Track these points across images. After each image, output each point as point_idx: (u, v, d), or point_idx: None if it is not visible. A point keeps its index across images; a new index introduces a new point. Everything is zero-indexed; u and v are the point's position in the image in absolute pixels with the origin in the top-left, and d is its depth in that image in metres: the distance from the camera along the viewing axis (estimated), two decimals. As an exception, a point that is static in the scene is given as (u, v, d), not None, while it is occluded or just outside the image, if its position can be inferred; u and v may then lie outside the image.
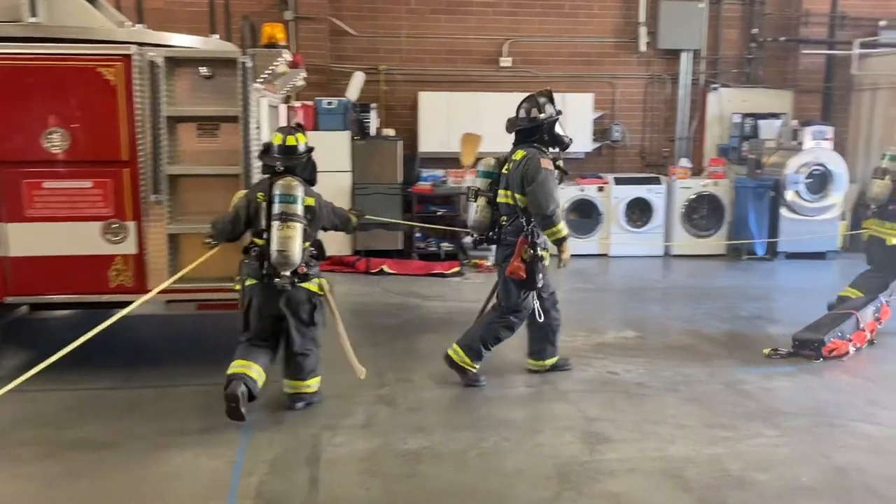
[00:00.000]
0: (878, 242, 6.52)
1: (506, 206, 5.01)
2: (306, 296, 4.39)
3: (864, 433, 4.22)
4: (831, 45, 10.50)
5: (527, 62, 10.34)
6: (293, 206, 4.20)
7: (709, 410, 4.57)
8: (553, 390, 4.90)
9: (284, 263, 4.18)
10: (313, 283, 4.41)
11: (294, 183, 4.28)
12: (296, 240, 4.17)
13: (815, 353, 5.55)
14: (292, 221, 4.18)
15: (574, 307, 7.15)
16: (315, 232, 4.48)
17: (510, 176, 4.95)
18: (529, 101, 5.08)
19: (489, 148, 9.68)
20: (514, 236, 4.92)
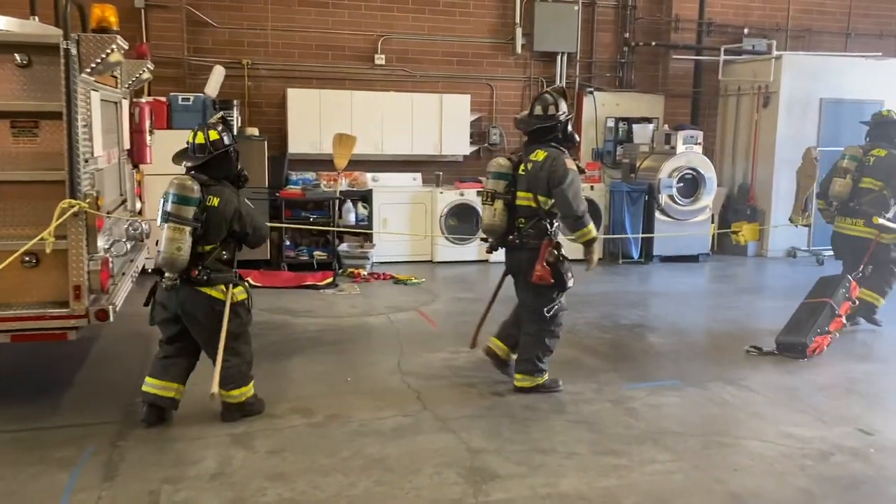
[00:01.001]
0: (845, 239, 6.71)
1: (527, 209, 4.78)
2: (205, 301, 4.15)
3: (756, 452, 4.05)
4: (699, 51, 10.72)
5: (402, 60, 9.90)
6: (175, 206, 4.02)
7: (598, 434, 4.27)
8: (432, 418, 4.45)
9: (164, 264, 4.05)
10: (216, 288, 4.16)
11: (183, 183, 4.07)
12: (175, 241, 3.99)
13: (799, 354, 5.69)
14: (171, 222, 4.01)
15: (456, 319, 6.80)
16: (218, 235, 4.18)
17: (531, 177, 4.72)
18: (544, 99, 4.85)
19: (365, 150, 9.23)
20: (536, 239, 4.73)
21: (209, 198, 4.13)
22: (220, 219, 4.16)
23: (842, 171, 6.66)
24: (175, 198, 4.04)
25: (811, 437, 4.26)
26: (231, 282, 4.25)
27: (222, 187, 4.23)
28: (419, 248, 9.48)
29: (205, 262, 4.15)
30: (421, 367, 5.39)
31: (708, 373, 5.40)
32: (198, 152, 4.21)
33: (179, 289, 4.14)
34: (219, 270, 4.21)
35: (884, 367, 5.64)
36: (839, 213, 6.75)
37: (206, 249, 4.16)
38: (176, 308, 4.18)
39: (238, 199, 4.27)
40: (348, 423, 4.35)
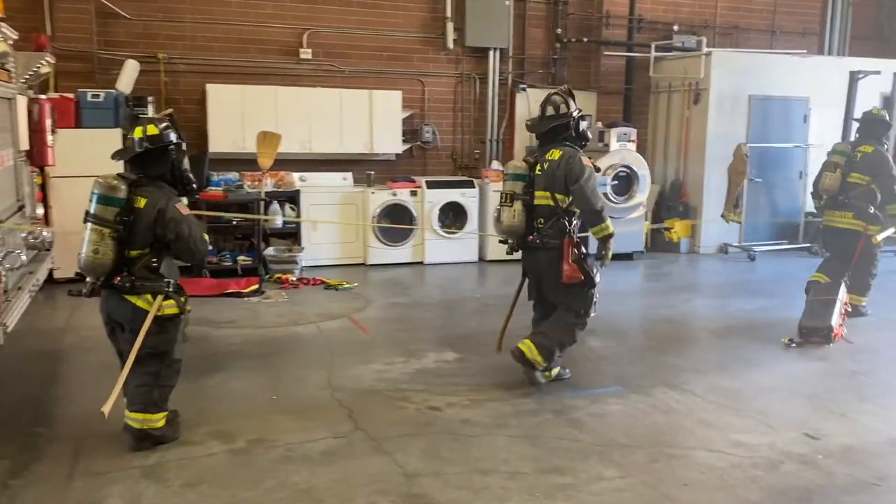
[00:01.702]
0: (835, 232, 6.93)
1: (546, 208, 4.83)
2: (130, 309, 3.85)
3: (705, 464, 3.88)
4: (630, 48, 10.67)
5: (329, 55, 9.50)
6: (97, 206, 3.76)
7: (542, 449, 4.04)
8: (365, 439, 4.13)
9: (83, 268, 3.77)
10: (143, 297, 3.84)
11: (107, 181, 3.78)
12: (93, 243, 3.72)
13: (824, 339, 5.99)
14: (92, 222, 3.75)
15: (390, 326, 6.50)
16: (145, 240, 3.84)
17: (548, 176, 4.79)
18: (553, 100, 4.92)
19: (291, 148, 8.80)
20: (556, 238, 4.78)
21: (136, 198, 3.81)
22: (145, 222, 3.82)
23: (832, 166, 6.85)
24: (97, 197, 3.76)
25: (759, 444, 4.13)
26: (161, 292, 3.88)
27: (155, 188, 3.90)
28: (351, 251, 9.11)
29: (132, 268, 3.84)
30: (353, 380, 5.06)
31: (650, 377, 5.24)
32: (136, 147, 3.91)
33: (108, 295, 3.88)
34: (146, 278, 3.86)
35: (823, 367, 5.60)
36: (828, 207, 6.96)
37: (133, 255, 3.84)
38: (105, 315, 3.95)
39: (168, 201, 3.89)
40: (273, 448, 4.00)
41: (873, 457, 4.00)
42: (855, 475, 3.77)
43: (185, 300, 4.02)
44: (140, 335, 3.80)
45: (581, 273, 4.71)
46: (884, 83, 10.19)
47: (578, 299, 4.85)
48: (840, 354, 5.87)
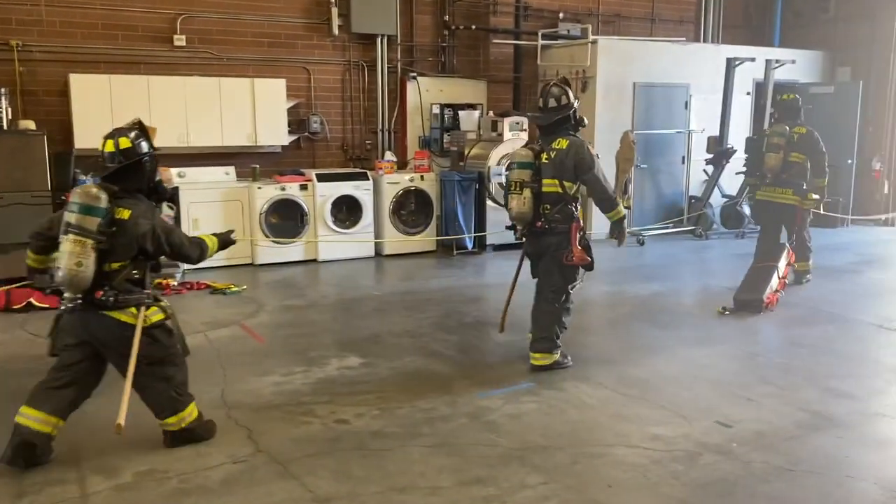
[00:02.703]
0: (773, 206, 7.55)
1: (553, 195, 4.99)
2: (115, 327, 3.70)
3: (627, 462, 3.79)
4: (517, 36, 10.63)
5: (205, 42, 8.90)
6: (77, 217, 3.55)
7: (460, 458, 3.83)
8: (269, 462, 3.78)
9: (63, 282, 3.56)
10: (126, 312, 3.70)
11: (87, 191, 3.61)
12: (74, 256, 3.52)
13: (756, 309, 6.51)
14: (73, 234, 3.55)
15: (286, 332, 6.11)
16: (127, 253, 3.70)
17: (556, 165, 4.96)
18: (553, 91, 5.05)
19: (168, 142, 8.13)
20: (564, 224, 4.98)
21: (119, 210, 3.68)
22: (130, 235, 3.70)
23: (776, 147, 7.34)
24: (77, 207, 3.57)
25: (675, 436, 4.10)
26: (142, 303, 3.76)
27: (136, 200, 3.78)
28: (237, 251, 8.50)
29: (112, 281, 3.68)
30: (249, 395, 4.67)
31: (560, 371, 5.15)
32: (108, 161, 3.74)
33: (85, 312, 3.67)
34: (129, 292, 3.73)
35: (723, 350, 5.70)
36: (770, 184, 7.50)
37: (113, 268, 3.69)
38: (83, 334, 3.73)
39: (153, 215, 3.84)
40: (165, 481, 3.58)
41: (784, 441, 4.05)
42: (770, 462, 3.79)
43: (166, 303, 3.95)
44: (134, 349, 3.68)
45: (587, 257, 4.97)
46: (757, 70, 10.62)
47: (570, 279, 5.12)
48: (738, 337, 6.00)
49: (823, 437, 4.12)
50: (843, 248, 9.63)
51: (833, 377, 5.04)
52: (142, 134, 3.84)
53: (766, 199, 7.64)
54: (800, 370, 5.19)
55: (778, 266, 6.86)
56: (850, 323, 6.40)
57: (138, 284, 3.78)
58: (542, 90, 5.13)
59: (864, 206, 11.72)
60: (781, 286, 6.87)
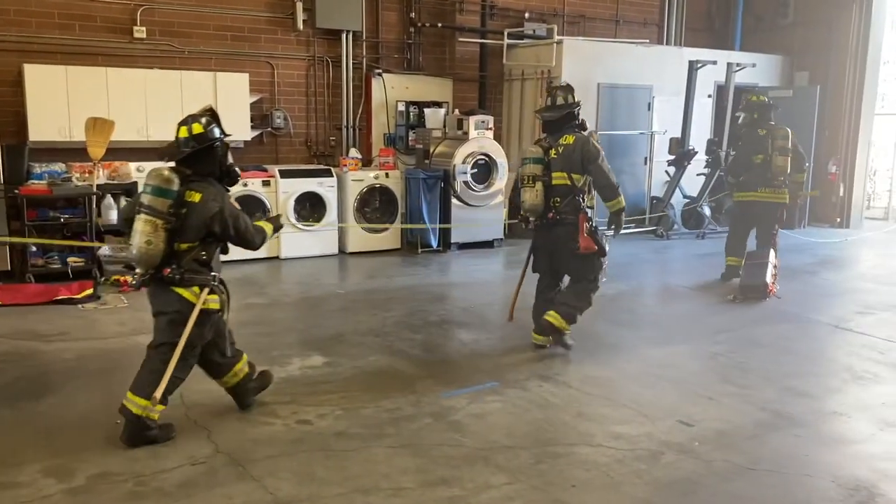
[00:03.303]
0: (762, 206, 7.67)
1: (563, 188, 5.31)
2: (176, 301, 3.87)
3: (590, 461, 3.80)
4: (483, 35, 10.62)
5: (167, 34, 8.72)
6: (151, 197, 3.76)
7: (425, 459, 3.80)
8: (229, 463, 3.70)
9: (134, 259, 3.79)
10: (190, 290, 3.85)
11: (160, 173, 3.79)
12: (145, 234, 3.72)
13: (762, 295, 7.05)
14: (144, 213, 3.75)
15: (248, 330, 5.97)
16: (196, 234, 3.86)
17: (564, 159, 5.29)
18: (561, 90, 5.46)
19: (127, 136, 7.98)
20: (572, 214, 5.27)
21: (189, 192, 3.83)
22: (200, 217, 3.84)
23: (784, 150, 7.51)
24: (151, 189, 3.77)
25: (638, 435, 4.12)
26: (207, 285, 3.92)
27: (207, 184, 3.93)
28: (198, 247, 8.42)
29: (181, 261, 3.85)
30: (210, 395, 4.55)
31: (524, 370, 5.15)
32: (181, 146, 3.91)
33: (153, 286, 3.91)
34: (195, 271, 3.89)
35: (683, 350, 5.76)
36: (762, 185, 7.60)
37: (182, 248, 3.87)
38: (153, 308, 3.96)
39: (223, 199, 3.96)
40: (120, 483, 3.48)
41: (744, 440, 4.10)
42: (731, 461, 3.83)
43: (229, 298, 4.09)
44: (188, 326, 3.82)
45: (595, 244, 5.24)
46: (719, 73, 10.77)
47: (590, 266, 5.37)
48: (699, 336, 6.07)
49: (782, 435, 4.18)
50: (799, 249, 9.82)
51: (791, 376, 5.12)
52: (213, 120, 4.00)
53: (756, 200, 7.67)
54: (759, 369, 5.27)
55: (769, 261, 7.26)
56: (806, 323, 6.53)
57: (205, 265, 3.94)
58: (550, 91, 5.57)
59: (820, 208, 11.98)
60: (775, 277, 7.26)
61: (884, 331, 6.24)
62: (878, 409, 4.60)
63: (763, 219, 7.78)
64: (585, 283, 5.41)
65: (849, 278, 8.58)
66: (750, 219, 7.91)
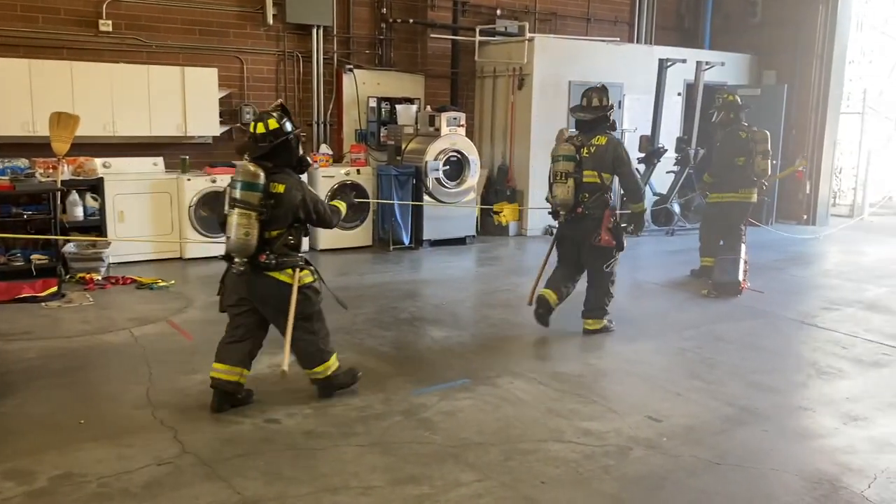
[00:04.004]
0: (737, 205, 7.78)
1: (592, 185, 5.64)
2: (275, 285, 4.22)
3: (559, 457, 3.81)
4: (455, 31, 10.61)
5: (133, 28, 8.59)
6: (243, 193, 4.06)
7: (394, 457, 3.78)
8: (195, 463, 3.65)
9: (233, 249, 4.11)
10: (284, 273, 4.23)
11: (250, 170, 4.09)
12: (242, 227, 4.04)
13: (735, 291, 7.21)
14: (238, 207, 4.05)
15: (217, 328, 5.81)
16: (284, 221, 4.21)
17: (596, 158, 5.62)
18: (596, 92, 5.75)
19: (93, 131, 7.86)
20: (599, 210, 5.64)
21: (274, 184, 4.14)
22: (287, 205, 4.18)
23: (767, 153, 7.66)
24: (241, 184, 4.06)
25: (607, 430, 4.14)
26: (297, 265, 4.29)
27: (286, 174, 4.24)
28: (166, 245, 8.32)
29: (272, 247, 4.19)
30: (176, 394, 4.52)
31: (495, 366, 5.16)
32: (259, 142, 4.18)
33: (249, 274, 4.17)
34: (286, 255, 4.25)
35: (652, 346, 5.81)
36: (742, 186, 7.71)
37: (272, 235, 4.20)
38: (246, 293, 4.25)
39: (302, 186, 4.31)
40: (84, 485, 3.42)
41: (711, 435, 4.14)
42: (698, 456, 3.86)
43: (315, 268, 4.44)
44: (292, 305, 4.20)
45: (614, 239, 5.64)
46: (688, 71, 10.86)
47: (606, 257, 5.77)
48: (667, 332, 6.13)
49: (749, 430, 4.23)
50: (767, 246, 9.95)
51: (757, 372, 5.19)
52: (284, 115, 4.28)
53: (734, 201, 7.75)
54: (726, 365, 5.33)
55: (741, 257, 7.47)
56: (773, 318, 6.62)
57: (293, 249, 4.30)
58: (585, 93, 5.84)
59: (787, 205, 12.16)
60: (746, 273, 7.45)
61: (847, 326, 6.36)
62: (841, 403, 4.67)
63: (736, 217, 7.85)
64: (601, 277, 5.85)
65: (814, 275, 8.72)
66: (723, 219, 7.94)
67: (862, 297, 7.41)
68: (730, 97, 7.99)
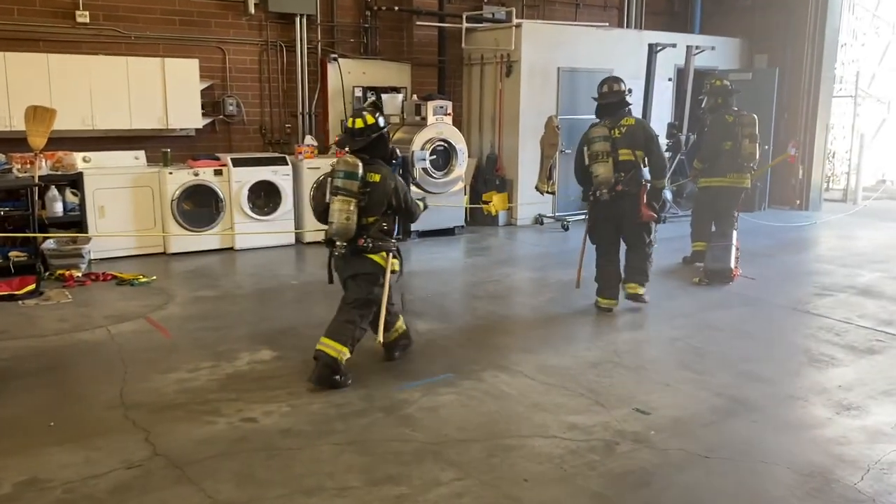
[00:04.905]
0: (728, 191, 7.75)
1: (628, 163, 5.93)
2: (369, 265, 4.60)
3: (543, 453, 3.70)
4: (442, 18, 10.43)
5: (111, 19, 8.39)
6: (344, 181, 4.42)
7: (372, 456, 3.66)
8: (166, 466, 3.53)
9: (336, 233, 4.47)
10: (379, 255, 4.59)
11: (349, 161, 4.46)
12: (343, 212, 4.40)
13: (727, 279, 7.10)
14: (340, 195, 4.41)
15: (196, 325, 5.81)
16: (379, 208, 4.58)
17: (629, 137, 5.93)
18: (614, 80, 6.21)
19: (71, 125, 7.72)
20: (636, 186, 5.92)
21: (370, 174, 4.51)
22: (381, 193, 4.54)
23: (753, 136, 7.59)
24: (343, 174, 4.43)
25: (593, 424, 4.03)
26: (390, 251, 4.66)
27: (380, 165, 4.61)
28: (149, 239, 8.17)
29: (369, 232, 4.55)
30: (151, 394, 4.39)
31: (481, 360, 5.04)
32: (356, 136, 4.58)
33: (348, 257, 4.56)
34: (381, 240, 4.62)
35: (641, 335, 5.71)
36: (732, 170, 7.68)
37: (369, 221, 4.56)
38: (345, 275, 4.64)
39: (395, 177, 4.67)
40: (48, 491, 3.29)
41: (700, 427, 4.03)
42: (686, 449, 3.75)
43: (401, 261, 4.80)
44: (386, 285, 4.62)
45: (654, 212, 5.97)
46: (679, 56, 10.72)
47: (647, 231, 6.11)
48: (657, 321, 6.02)
49: (738, 421, 4.12)
50: (759, 231, 9.84)
51: (748, 361, 5.08)
52: (377, 110, 4.77)
53: (724, 185, 7.76)
54: (716, 354, 5.22)
55: (732, 244, 7.41)
56: (765, 306, 6.51)
57: (388, 234, 4.66)
58: (605, 81, 6.25)
59: (780, 190, 12.05)
60: (737, 260, 7.36)
61: (840, 312, 6.25)
62: (834, 392, 4.57)
63: (726, 203, 7.83)
64: (643, 248, 6.13)
65: (807, 260, 8.61)
66: (714, 204, 7.93)
67: (855, 282, 7.30)
68: (717, 82, 7.93)
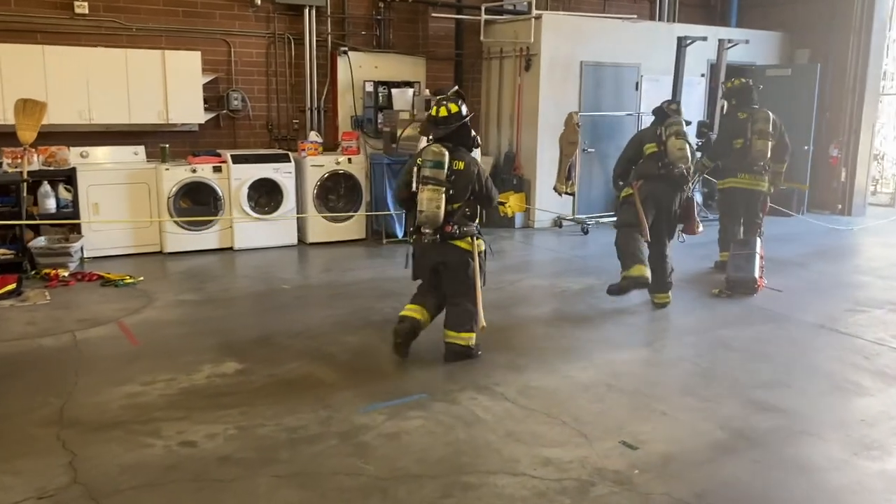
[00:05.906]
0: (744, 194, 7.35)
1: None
2: (457, 252, 4.72)
3: (505, 493, 3.25)
4: (459, 10, 9.99)
5: (111, 10, 8.15)
6: (432, 170, 4.51)
7: (313, 491, 3.26)
8: (81, 496, 3.17)
9: (425, 221, 4.57)
10: (465, 241, 4.72)
11: (436, 150, 4.57)
12: (433, 201, 4.50)
13: (751, 290, 6.58)
14: (430, 184, 4.51)
15: (169, 331, 5.51)
16: (464, 195, 4.68)
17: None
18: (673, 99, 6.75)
19: (68, 119, 7.50)
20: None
21: (455, 162, 4.62)
22: (466, 180, 4.67)
23: (764, 133, 7.08)
24: (431, 163, 4.52)
25: (570, 460, 3.57)
26: (474, 234, 4.79)
27: (463, 152, 4.71)
28: (145, 238, 7.93)
29: (454, 218, 4.67)
30: (93, 410, 4.06)
31: (460, 378, 4.60)
32: (440, 124, 4.67)
33: (438, 243, 4.68)
34: (465, 225, 4.74)
35: (645, 354, 5.22)
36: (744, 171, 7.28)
37: (454, 207, 4.67)
38: (434, 259, 4.76)
39: (477, 162, 4.78)
40: None
41: (692, 467, 3.54)
42: (672, 494, 3.27)
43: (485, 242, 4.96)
44: (477, 268, 4.76)
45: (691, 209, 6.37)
46: (712, 51, 10.08)
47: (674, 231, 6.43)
48: (666, 338, 5.54)
49: (738, 461, 3.61)
50: (794, 238, 9.19)
51: (761, 387, 4.54)
52: (460, 98, 4.80)
53: (739, 188, 7.37)
54: (725, 378, 4.70)
55: (756, 252, 6.82)
56: (788, 322, 5.93)
57: (471, 219, 4.79)
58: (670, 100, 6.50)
59: (820, 194, 11.32)
60: (762, 269, 6.82)
61: (873, 332, 5.65)
62: (854, 427, 4.02)
63: (747, 207, 7.40)
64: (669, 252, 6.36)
65: (842, 271, 7.93)
66: (736, 207, 7.50)
67: (894, 297, 6.66)
68: (732, 83, 7.57)
